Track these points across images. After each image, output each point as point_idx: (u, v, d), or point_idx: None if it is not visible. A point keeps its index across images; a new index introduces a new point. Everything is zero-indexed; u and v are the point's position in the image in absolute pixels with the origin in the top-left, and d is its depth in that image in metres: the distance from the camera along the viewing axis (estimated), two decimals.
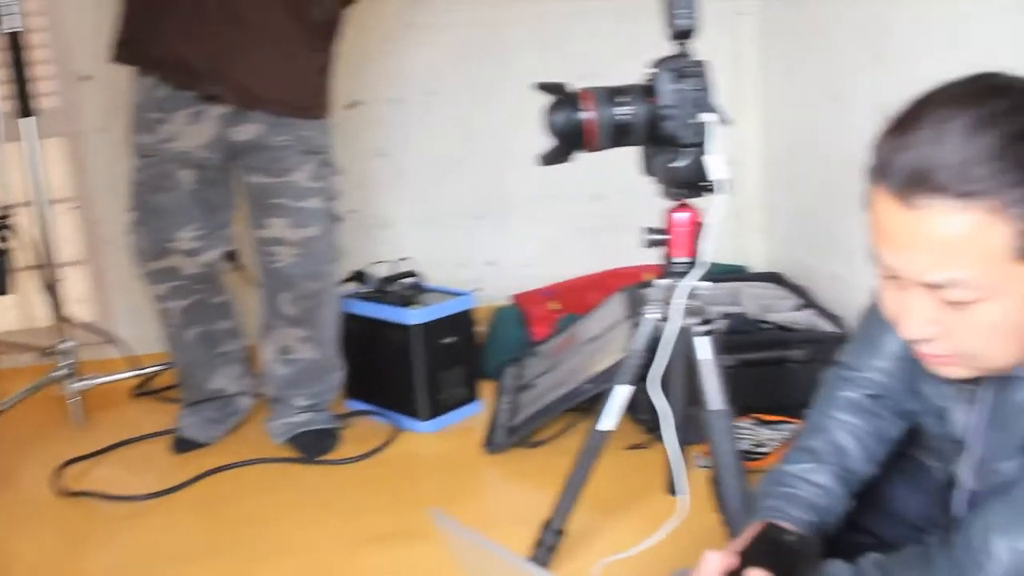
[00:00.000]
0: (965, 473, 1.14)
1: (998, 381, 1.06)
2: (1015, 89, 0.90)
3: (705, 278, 2.73)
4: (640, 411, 2.26)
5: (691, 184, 1.41)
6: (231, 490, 2.16)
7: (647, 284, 2.35)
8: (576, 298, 2.90)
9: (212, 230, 2.23)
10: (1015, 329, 0.92)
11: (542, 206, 3.18)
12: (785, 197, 3.14)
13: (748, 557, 1.04)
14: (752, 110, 3.19)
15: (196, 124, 2.08)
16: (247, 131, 2.09)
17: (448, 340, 2.43)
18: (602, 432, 1.57)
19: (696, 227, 1.44)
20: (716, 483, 1.57)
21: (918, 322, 0.95)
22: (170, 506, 2.09)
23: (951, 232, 0.87)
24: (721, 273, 2.95)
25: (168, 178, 2.14)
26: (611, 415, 1.55)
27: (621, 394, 1.53)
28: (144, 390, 2.75)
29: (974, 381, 1.08)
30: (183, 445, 2.35)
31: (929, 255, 0.89)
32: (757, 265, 3.23)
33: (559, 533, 1.68)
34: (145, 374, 2.75)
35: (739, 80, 3.18)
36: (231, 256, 2.77)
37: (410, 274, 2.51)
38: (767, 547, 1.07)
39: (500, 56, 3.03)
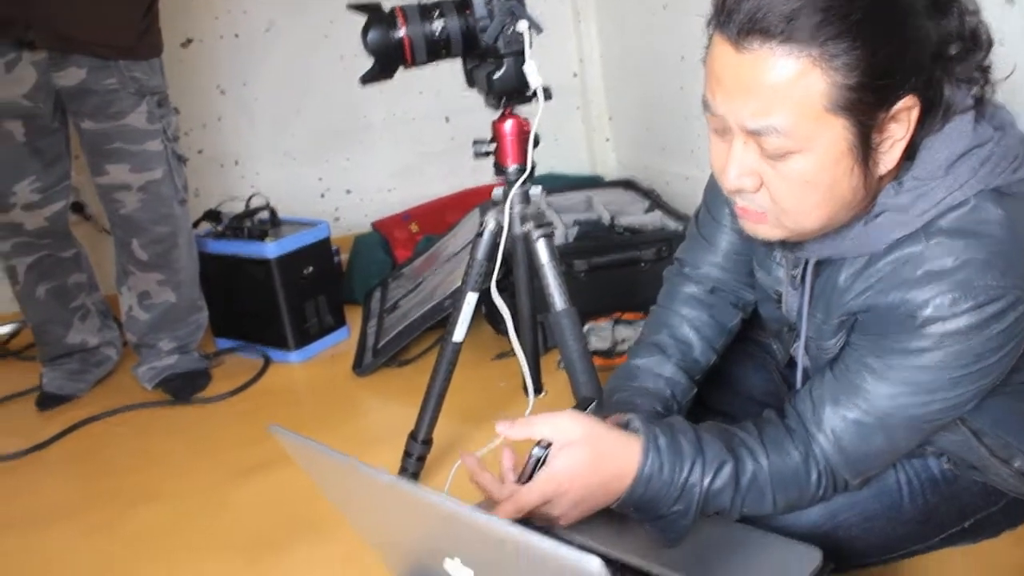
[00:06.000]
0: (799, 352, 1.24)
1: (818, 265, 1.14)
2: None
3: (560, 189, 2.83)
4: (501, 321, 2.33)
5: (514, 92, 1.44)
6: (103, 441, 2.14)
7: None
8: (436, 219, 2.94)
9: (52, 182, 2.17)
10: (822, 186, 0.97)
11: (395, 131, 3.19)
12: (629, 105, 3.22)
13: None
14: (590, 23, 3.24)
15: (13, 72, 2.00)
16: (71, 76, 2.02)
17: (308, 270, 2.44)
18: (455, 342, 1.62)
19: (524, 134, 1.48)
20: (570, 380, 1.64)
21: (737, 171, 0.99)
22: (39, 464, 2.06)
23: (774, 78, 0.92)
24: (576, 183, 3.03)
25: None
26: (461, 324, 1.60)
27: (468, 303, 1.58)
28: (1, 352, 2.68)
29: (801, 266, 1.16)
30: (47, 401, 2.31)
31: (753, 100, 0.93)
32: (612, 174, 3.32)
33: (427, 443, 1.74)
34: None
35: None
36: (78, 207, 2.71)
37: (263, 209, 2.49)
38: None
39: None
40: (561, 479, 1.07)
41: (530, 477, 1.08)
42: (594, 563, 0.74)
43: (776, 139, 0.94)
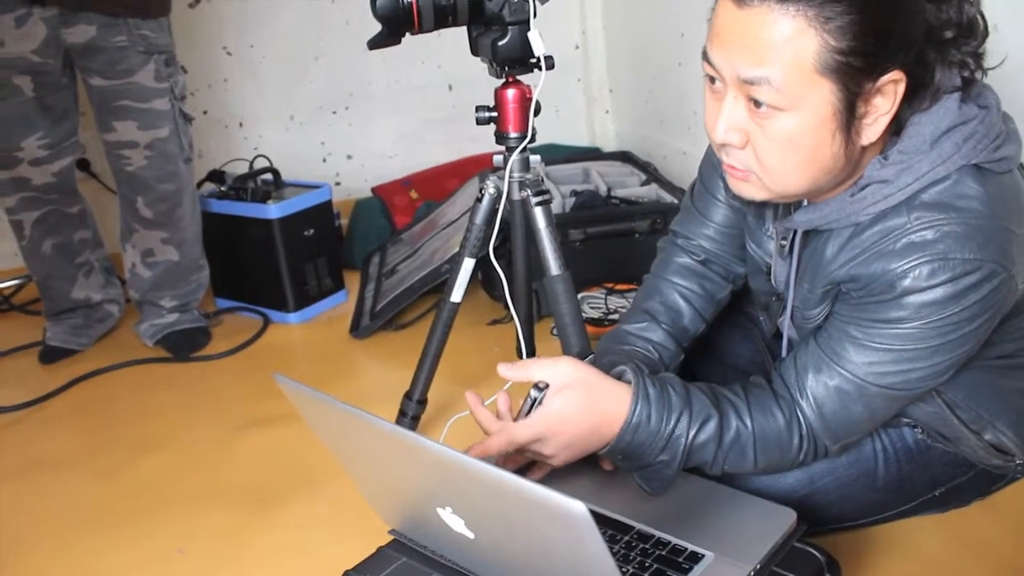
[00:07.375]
0: (785, 323, 1.28)
1: (806, 235, 1.19)
2: None
3: (559, 160, 2.86)
4: (496, 288, 2.37)
5: (518, 61, 1.47)
6: (105, 394, 2.18)
7: None
8: (435, 185, 2.97)
9: (59, 138, 2.19)
10: (805, 148, 1.02)
11: (398, 98, 3.21)
12: (629, 80, 3.25)
13: None
14: None
15: (23, 28, 2.02)
16: (80, 32, 2.05)
17: (309, 232, 2.48)
18: (452, 303, 1.66)
19: (526, 102, 1.51)
20: (562, 344, 1.68)
21: (725, 126, 1.04)
22: (43, 415, 2.10)
23: (771, 33, 0.97)
24: (575, 154, 3.07)
25: (3, 86, 2.09)
26: (459, 286, 1.64)
27: (466, 267, 1.62)
28: (6, 306, 2.73)
29: (790, 237, 1.21)
30: (51, 354, 2.35)
31: (749, 51, 0.98)
32: (610, 146, 3.35)
33: (422, 403, 1.78)
34: (3, 289, 2.73)
35: None
36: (83, 164, 2.74)
37: (267, 171, 2.53)
38: None
39: None
40: (553, 420, 1.12)
41: (527, 416, 1.14)
42: (578, 507, 0.79)
43: (767, 91, 0.99)
